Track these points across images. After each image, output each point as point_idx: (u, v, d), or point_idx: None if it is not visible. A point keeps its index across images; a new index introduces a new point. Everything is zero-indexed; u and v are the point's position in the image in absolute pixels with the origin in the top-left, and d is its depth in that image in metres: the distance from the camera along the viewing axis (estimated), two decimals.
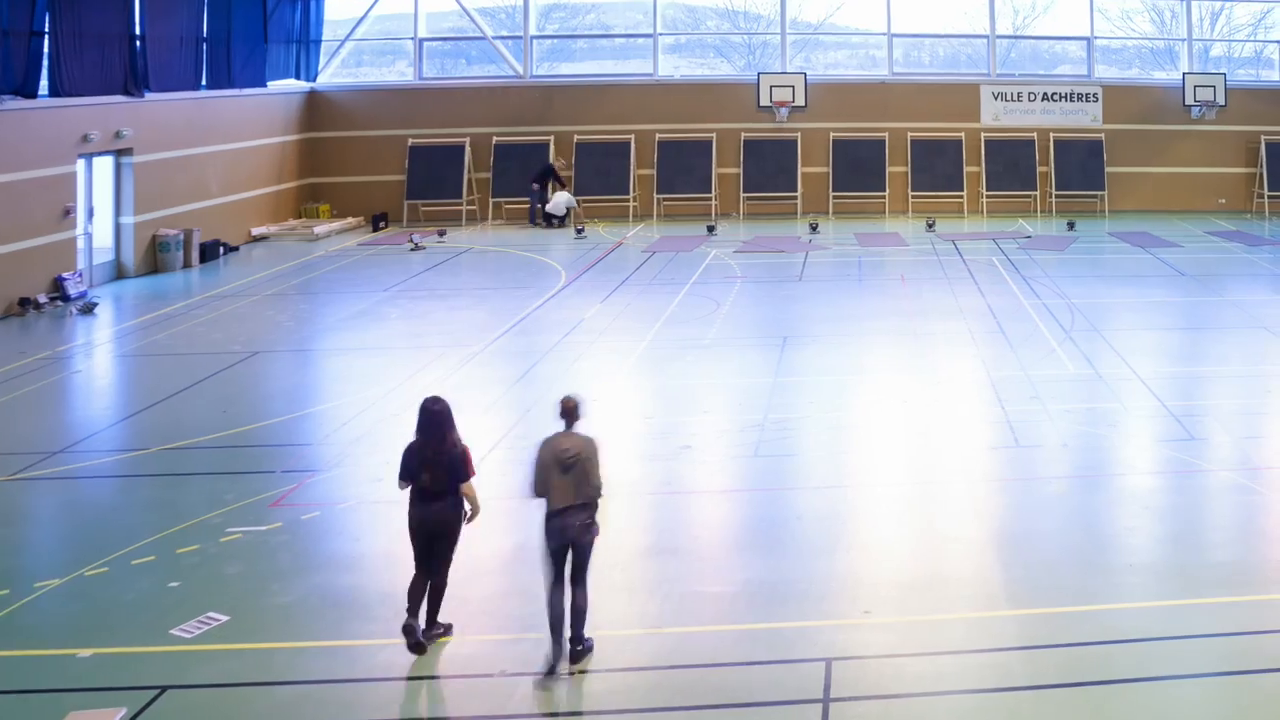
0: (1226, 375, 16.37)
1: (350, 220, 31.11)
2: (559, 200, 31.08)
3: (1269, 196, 33.70)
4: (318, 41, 33.13)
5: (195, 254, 25.64)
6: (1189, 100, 33.96)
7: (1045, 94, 34.62)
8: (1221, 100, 33.81)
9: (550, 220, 30.95)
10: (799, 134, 33.37)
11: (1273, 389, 15.57)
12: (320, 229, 29.58)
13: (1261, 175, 33.98)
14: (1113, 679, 8.22)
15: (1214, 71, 35.10)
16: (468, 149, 32.51)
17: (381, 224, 30.87)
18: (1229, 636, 8.78)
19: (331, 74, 33.85)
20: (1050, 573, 9.89)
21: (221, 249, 26.68)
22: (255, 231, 29.02)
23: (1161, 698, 8.05)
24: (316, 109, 32.73)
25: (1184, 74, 34.63)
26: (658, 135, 33.24)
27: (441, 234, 29.23)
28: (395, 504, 11.40)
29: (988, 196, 33.55)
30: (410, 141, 32.50)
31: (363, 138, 32.70)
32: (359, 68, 35.47)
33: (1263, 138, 34.17)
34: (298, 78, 32.18)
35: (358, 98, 33.36)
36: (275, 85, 30.94)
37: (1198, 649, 8.61)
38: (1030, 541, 10.56)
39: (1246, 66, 37.03)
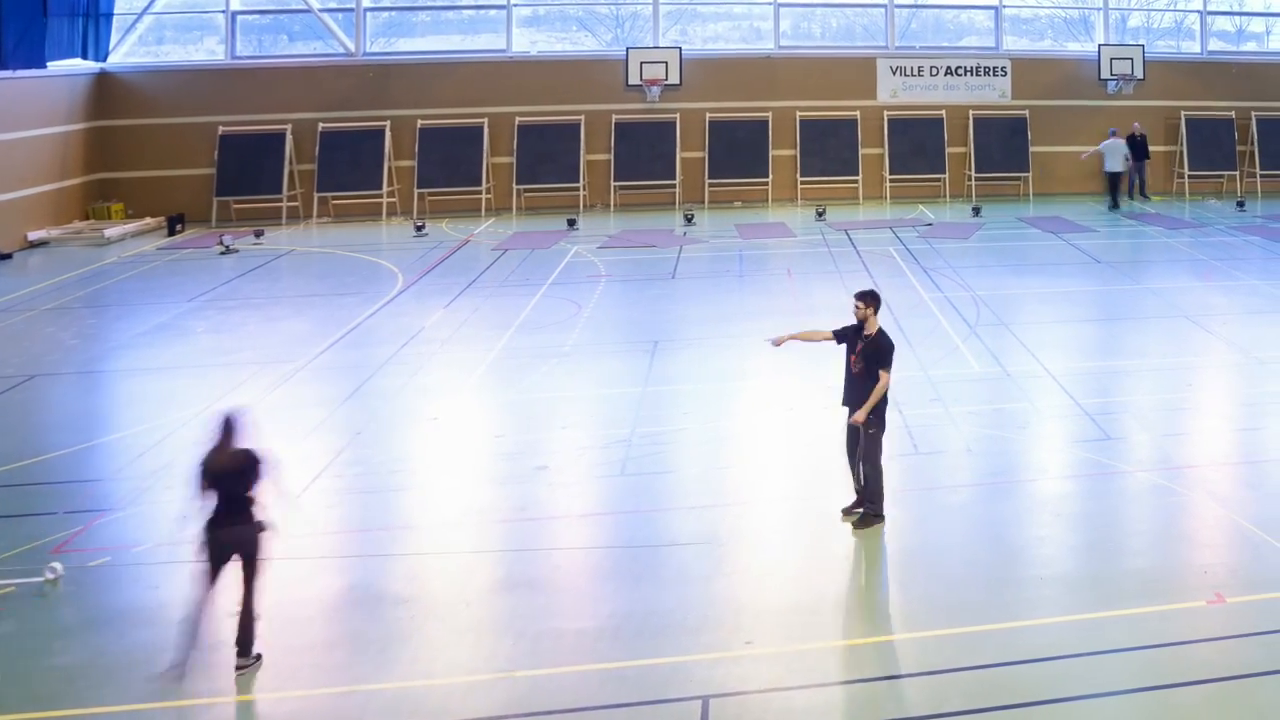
0: (1145, 368, 16.97)
1: (148, 221, 30.49)
2: None
3: (1190, 176, 35.17)
4: (109, 15, 32.40)
5: None
6: (1105, 74, 35.23)
7: (948, 68, 35.59)
8: (1139, 74, 35.14)
9: None
10: (678, 115, 33.75)
11: (1194, 382, 16.24)
12: (112, 231, 28.96)
13: (1181, 154, 35.41)
14: (1022, 702, 8.42)
15: (1132, 43, 36.48)
16: (289, 138, 32.15)
17: (178, 226, 30.22)
18: (1147, 650, 9.10)
19: (126, 52, 33.16)
20: (953, 590, 10.12)
21: None
22: (33, 236, 28.26)
23: (1075, 719, 8.28)
24: (108, 93, 32.00)
25: (1099, 45, 35.93)
26: (517, 119, 33.30)
27: (258, 234, 28.87)
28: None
29: (891, 181, 34.35)
30: (221, 130, 32.01)
31: (164, 126, 32.07)
32: (160, 45, 34.81)
33: (1183, 113, 35.63)
34: (85, 57, 31.41)
35: (158, 80, 32.71)
36: (57, 66, 30.11)
37: (1114, 664, 8.88)
38: (931, 556, 10.79)
39: (1166, 37, 38.57)
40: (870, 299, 11.70)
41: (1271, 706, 8.37)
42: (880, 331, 11.61)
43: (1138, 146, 33.63)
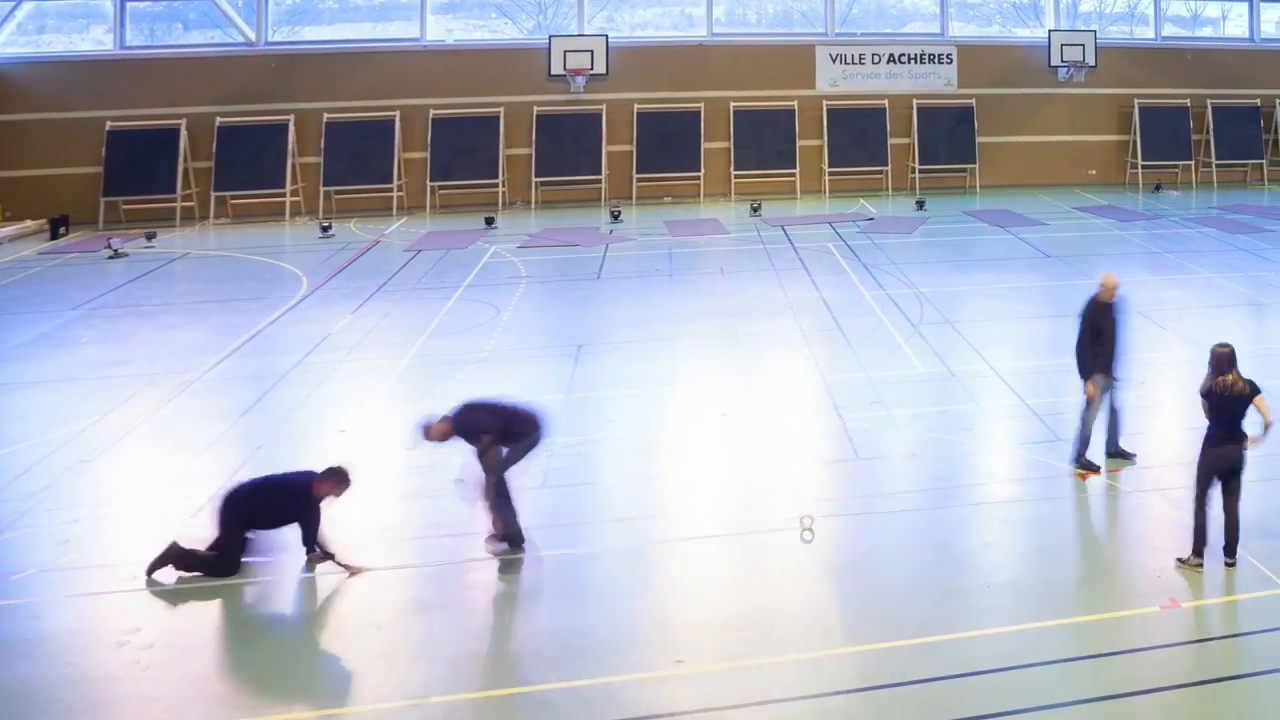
0: None
1: (28, 224, 30.28)
2: None
3: (1143, 167, 35.76)
4: None
5: None
6: (1055, 60, 35.78)
7: (891, 55, 35.97)
8: (1091, 60, 35.73)
9: None
10: (603, 106, 33.84)
11: (1146, 379, 16.44)
12: None
13: (1135, 143, 36.01)
14: (970, 715, 8.49)
15: (1083, 29, 37.06)
16: (183, 133, 31.92)
17: (62, 229, 29.88)
18: (1099, 658, 9.19)
19: (4, 42, 32.86)
20: (895, 601, 10.18)
21: None
22: None
23: None
24: None
25: (1050, 31, 36.48)
26: (431, 112, 33.25)
27: (150, 237, 28.61)
28: (89, 570, 11.07)
29: (830, 174, 34.63)
30: (109, 125, 31.78)
31: (46, 121, 31.81)
32: (41, 35, 34.49)
33: (1136, 101, 36.25)
34: None
35: (40, 72, 32.43)
36: None
37: (1065, 674, 9.00)
38: (872, 567, 10.85)
39: (1119, 23, 39.21)
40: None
41: (1229, 714, 8.51)
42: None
43: None
